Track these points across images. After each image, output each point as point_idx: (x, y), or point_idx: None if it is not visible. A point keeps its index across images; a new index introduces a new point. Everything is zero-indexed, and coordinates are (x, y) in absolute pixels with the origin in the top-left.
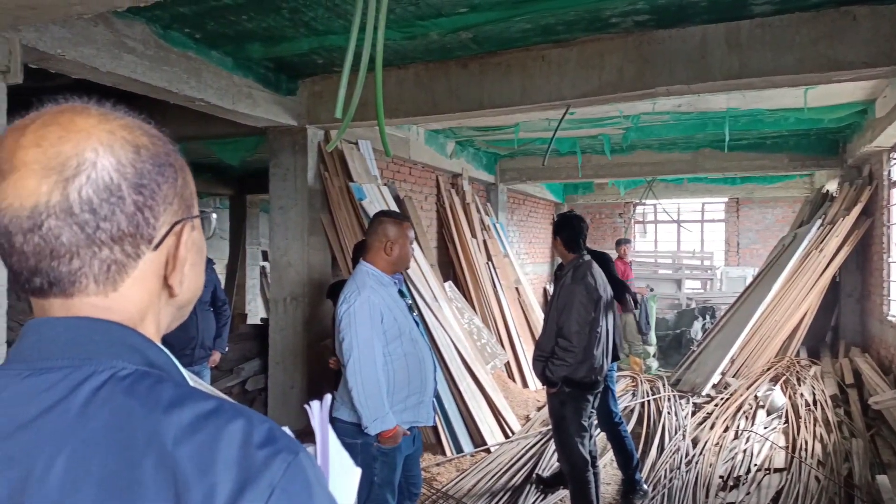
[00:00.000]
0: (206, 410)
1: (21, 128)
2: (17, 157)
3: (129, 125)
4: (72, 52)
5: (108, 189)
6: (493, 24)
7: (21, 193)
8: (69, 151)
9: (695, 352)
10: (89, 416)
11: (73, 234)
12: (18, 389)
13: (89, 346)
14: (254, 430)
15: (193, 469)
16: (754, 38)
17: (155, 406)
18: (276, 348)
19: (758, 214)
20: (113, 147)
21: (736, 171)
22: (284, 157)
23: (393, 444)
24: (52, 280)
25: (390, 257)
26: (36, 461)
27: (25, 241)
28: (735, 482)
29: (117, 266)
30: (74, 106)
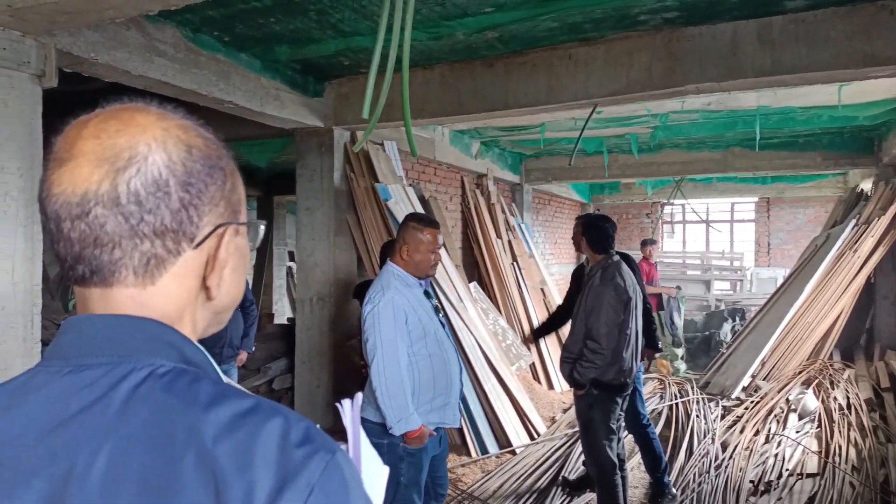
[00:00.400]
0: (244, 408)
1: (85, 121)
2: (76, 147)
3: (186, 126)
4: (105, 55)
5: (156, 183)
6: (520, 24)
7: (74, 181)
8: (123, 144)
9: (724, 354)
10: (129, 412)
11: (117, 224)
12: (59, 386)
13: (128, 343)
14: (291, 429)
15: (232, 467)
16: (787, 34)
17: (194, 403)
18: (302, 348)
19: (789, 214)
20: (166, 144)
21: (767, 170)
22: (311, 159)
23: (419, 445)
24: (93, 268)
25: (407, 261)
26: (78, 457)
27: (72, 228)
28: (766, 487)
29: (157, 260)
30: (137, 104)
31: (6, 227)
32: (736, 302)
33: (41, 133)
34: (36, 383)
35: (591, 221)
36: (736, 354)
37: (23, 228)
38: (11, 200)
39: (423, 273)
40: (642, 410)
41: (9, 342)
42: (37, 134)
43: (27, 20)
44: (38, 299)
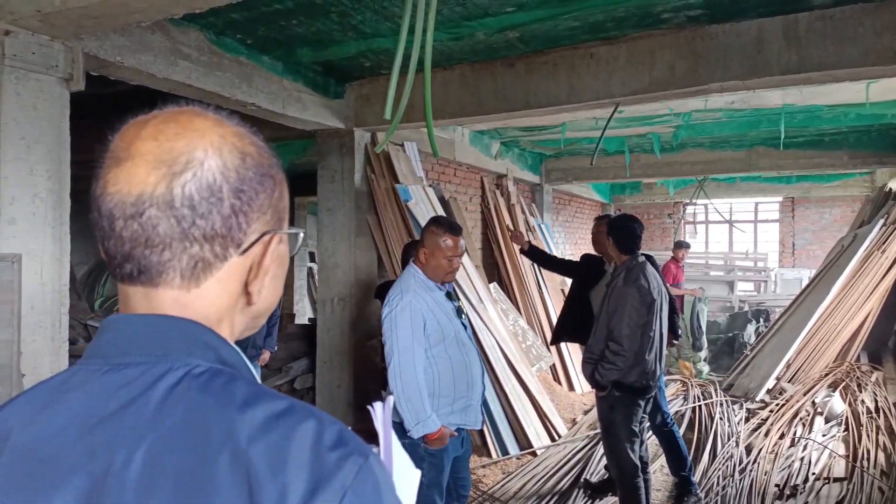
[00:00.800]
0: (278, 410)
1: (143, 121)
2: (134, 147)
3: (241, 133)
4: (130, 59)
5: (209, 189)
6: (541, 23)
7: (130, 181)
8: (181, 148)
9: (748, 356)
10: (166, 412)
11: (170, 227)
12: (98, 384)
13: (165, 342)
14: (325, 431)
15: (266, 468)
16: (814, 31)
17: (229, 404)
18: (323, 348)
19: (814, 214)
20: (222, 150)
21: (792, 169)
22: (332, 160)
23: (439, 446)
24: (141, 268)
25: (426, 265)
26: (116, 455)
27: (125, 227)
28: (792, 491)
29: (204, 264)
30: (194, 108)
31: (35, 228)
32: (760, 303)
33: (69, 136)
34: (75, 381)
35: (618, 221)
36: (760, 356)
37: (51, 229)
38: (40, 202)
39: (440, 279)
40: (666, 410)
41: (38, 341)
42: (64, 137)
43: (55, 25)
44: (66, 299)
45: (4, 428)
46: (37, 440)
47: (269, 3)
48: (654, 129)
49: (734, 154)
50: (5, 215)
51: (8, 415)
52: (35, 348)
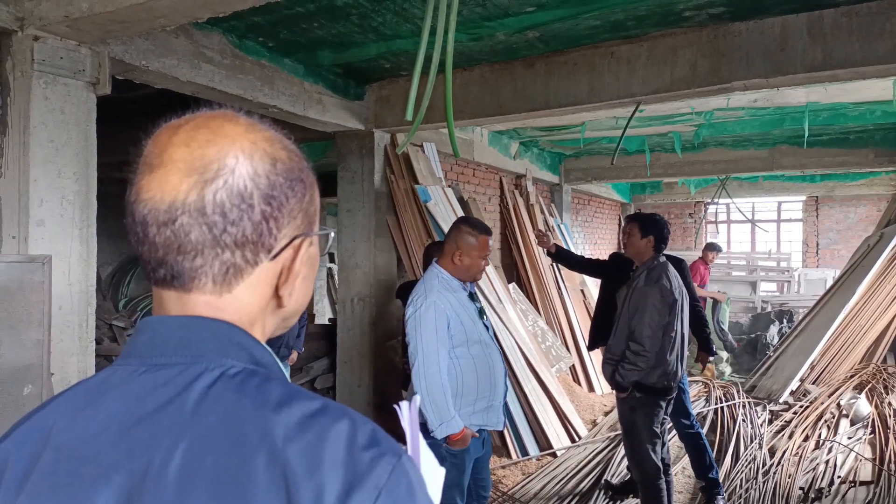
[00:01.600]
0: (312, 410)
1: (175, 126)
2: (166, 154)
3: (272, 138)
4: (155, 62)
5: (240, 195)
6: (561, 22)
7: (163, 188)
8: (213, 155)
9: (771, 357)
10: (203, 412)
11: (202, 234)
12: (136, 385)
13: (200, 343)
14: (358, 431)
15: (302, 468)
16: (839, 28)
17: (264, 404)
18: (343, 348)
19: (839, 213)
20: (252, 157)
21: (816, 167)
22: (352, 161)
23: (462, 447)
24: (174, 273)
25: (457, 266)
26: (155, 454)
27: (158, 233)
28: (817, 494)
29: (235, 269)
30: (226, 113)
31: (63, 229)
32: (783, 304)
33: (95, 139)
34: (114, 381)
35: (653, 219)
36: (783, 357)
37: (78, 231)
38: (68, 204)
39: (472, 277)
40: (691, 412)
41: (65, 341)
42: (91, 140)
43: (83, 30)
44: (93, 299)
45: (45, 427)
46: (78, 439)
47: (290, 7)
48: (675, 127)
49: (757, 153)
50: (34, 217)
51: (48, 414)
52: (63, 348)
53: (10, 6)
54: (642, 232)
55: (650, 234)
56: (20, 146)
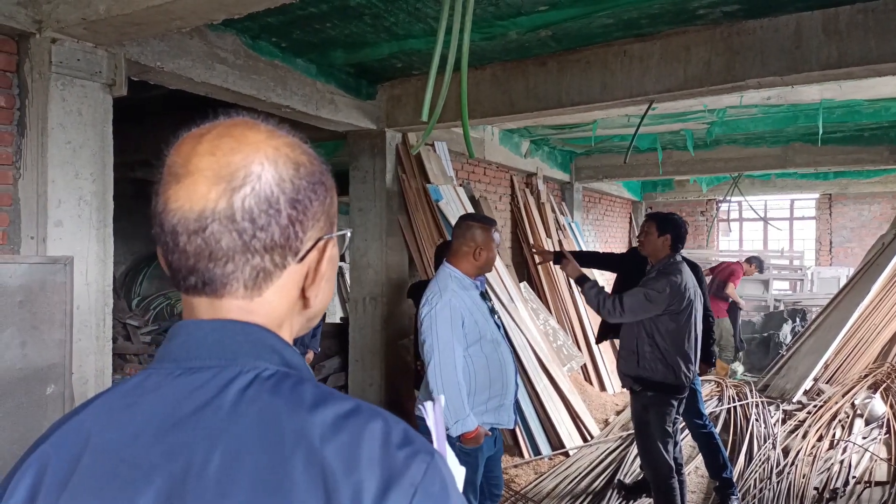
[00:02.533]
0: (346, 410)
1: (198, 136)
2: (192, 163)
3: (293, 143)
4: (170, 64)
5: (268, 201)
6: (574, 21)
7: (192, 197)
8: (239, 163)
9: (784, 356)
10: (239, 414)
11: (232, 240)
12: (171, 388)
13: (234, 346)
14: (391, 431)
15: (340, 467)
16: (855, 25)
17: (299, 405)
18: (355, 346)
19: (852, 211)
20: (277, 163)
21: (829, 165)
22: (364, 161)
23: (475, 445)
24: (206, 280)
25: (478, 262)
26: (194, 456)
27: (188, 242)
28: (832, 495)
29: (265, 274)
30: (246, 120)
31: (80, 230)
32: (796, 302)
33: (112, 140)
34: (149, 385)
35: (671, 218)
36: (797, 357)
37: (95, 231)
38: (85, 205)
39: (489, 270)
40: (703, 411)
41: (83, 340)
42: (108, 141)
43: (100, 32)
44: (110, 299)
45: (83, 431)
46: (117, 442)
47: (303, 7)
48: (687, 125)
49: (770, 150)
50: (52, 218)
51: (86, 417)
52: (80, 347)
53: (29, 9)
54: (659, 230)
55: (667, 233)
56: (38, 147)
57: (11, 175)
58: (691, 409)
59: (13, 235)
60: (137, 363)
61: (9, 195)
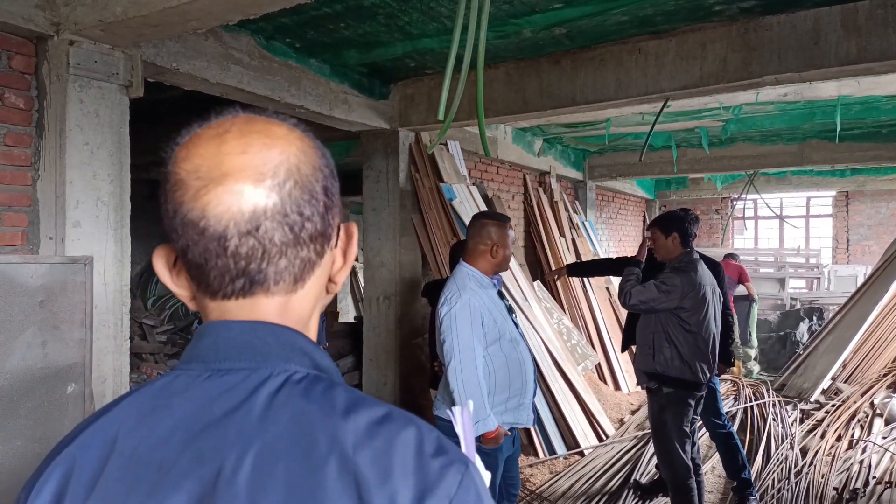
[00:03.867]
0: (378, 416)
1: (216, 136)
2: (224, 164)
3: (308, 134)
4: (185, 65)
5: (309, 192)
6: (589, 19)
7: (239, 198)
8: (277, 157)
9: (801, 355)
10: (271, 418)
11: (284, 235)
12: (200, 390)
13: (263, 348)
14: (425, 439)
15: (374, 476)
16: (875, 20)
17: (332, 411)
18: (369, 346)
19: (870, 209)
20: (307, 153)
21: (846, 162)
22: (377, 160)
23: (494, 445)
24: (255, 280)
25: (496, 259)
26: (225, 460)
27: (241, 244)
28: (851, 495)
29: (310, 264)
30: (257, 116)
31: (98, 230)
32: (813, 301)
33: (129, 141)
34: (177, 387)
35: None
36: (814, 356)
37: (113, 231)
38: (103, 205)
39: (506, 268)
40: (722, 411)
41: (101, 339)
42: (125, 142)
43: (116, 34)
44: (127, 299)
45: (110, 433)
46: (146, 445)
47: (317, 7)
48: (702, 123)
49: (786, 147)
50: (71, 218)
51: (113, 419)
52: (99, 346)
53: (47, 11)
54: (665, 232)
55: (672, 231)
56: (56, 149)
57: (30, 176)
58: (710, 409)
59: (32, 236)
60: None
61: (28, 196)
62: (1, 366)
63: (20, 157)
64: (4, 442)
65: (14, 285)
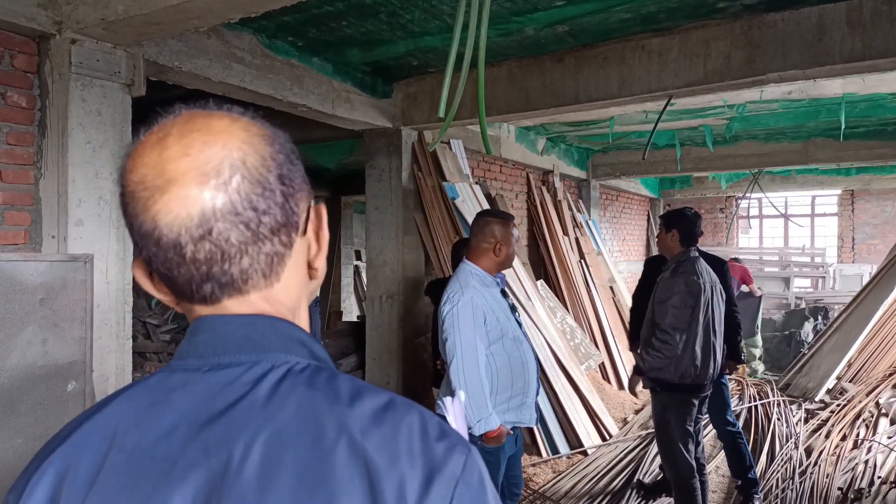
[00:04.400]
0: (382, 403)
1: (157, 142)
2: (167, 171)
3: (252, 121)
4: (187, 63)
5: (260, 184)
6: (591, 16)
7: (186, 203)
8: (219, 154)
9: (806, 355)
10: (276, 408)
11: (241, 233)
12: (201, 384)
13: (262, 341)
14: (428, 424)
15: (383, 460)
16: (880, 16)
17: (337, 399)
18: (372, 345)
19: (875, 207)
20: (253, 143)
21: (852, 160)
22: (380, 159)
23: (497, 444)
24: (223, 283)
25: (499, 257)
26: (233, 451)
27: (197, 250)
28: (856, 495)
29: (278, 257)
30: (197, 112)
31: (101, 229)
32: (818, 300)
33: (131, 139)
34: (175, 381)
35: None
36: (819, 355)
37: (115, 230)
38: (105, 204)
39: (510, 265)
40: (730, 408)
41: (104, 338)
42: (127, 141)
43: (118, 32)
44: (129, 297)
45: (108, 429)
46: (147, 440)
47: (319, 6)
48: (706, 121)
49: (790, 146)
50: (73, 217)
51: (109, 416)
52: (101, 345)
53: (49, 10)
54: (666, 227)
55: (674, 229)
56: (59, 147)
57: (33, 175)
58: (718, 408)
59: (35, 234)
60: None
61: (30, 195)
62: (1, 363)
63: (23, 155)
64: (5, 439)
65: (14, 283)
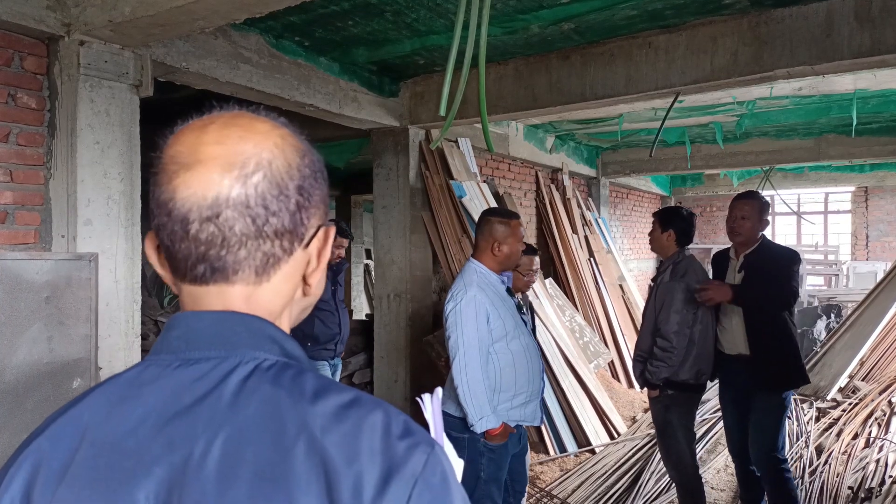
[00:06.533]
0: (346, 400)
1: (200, 127)
2: (200, 152)
3: (293, 133)
4: (195, 64)
5: (278, 187)
6: (597, 13)
7: (204, 184)
8: (250, 150)
9: (818, 353)
10: (241, 404)
11: (245, 226)
12: (171, 379)
13: (233, 337)
14: (392, 422)
15: (341, 457)
16: (889, 10)
17: (301, 396)
18: (380, 343)
19: (890, 204)
20: (285, 150)
21: (865, 157)
22: (387, 158)
23: (500, 442)
24: (216, 267)
25: (498, 257)
26: (195, 447)
27: (200, 229)
28: (867, 494)
29: (274, 259)
30: (246, 112)
31: (109, 228)
32: (831, 298)
33: (139, 140)
34: (148, 376)
35: (675, 212)
36: (831, 353)
37: (124, 229)
38: (113, 203)
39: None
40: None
41: (112, 336)
42: (135, 141)
43: (126, 34)
44: (138, 296)
45: (80, 423)
46: (116, 434)
47: (325, 5)
48: (716, 118)
49: (802, 143)
50: (82, 216)
51: (82, 410)
52: (110, 343)
53: (57, 12)
54: (662, 227)
55: (670, 229)
56: (68, 148)
57: (42, 175)
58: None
59: (44, 234)
60: None
61: (40, 195)
62: (8, 361)
63: (32, 156)
64: (12, 435)
65: (20, 281)
